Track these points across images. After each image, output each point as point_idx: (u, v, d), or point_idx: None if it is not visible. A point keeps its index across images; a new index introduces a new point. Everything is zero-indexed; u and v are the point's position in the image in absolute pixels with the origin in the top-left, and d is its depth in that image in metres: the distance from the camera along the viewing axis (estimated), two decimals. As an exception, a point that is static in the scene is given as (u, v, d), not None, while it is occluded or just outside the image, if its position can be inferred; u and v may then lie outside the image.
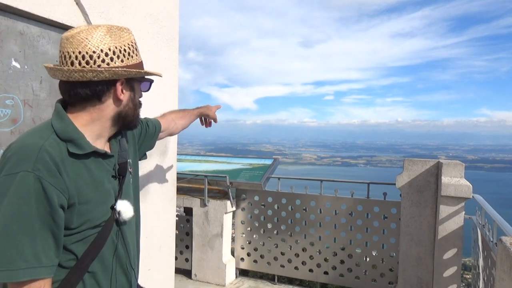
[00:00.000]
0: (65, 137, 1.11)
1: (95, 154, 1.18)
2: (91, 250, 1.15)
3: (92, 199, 1.14)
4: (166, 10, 3.06)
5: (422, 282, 3.53)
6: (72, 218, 1.10)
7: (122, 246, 1.26)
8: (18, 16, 2.04)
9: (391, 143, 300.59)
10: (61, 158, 1.08)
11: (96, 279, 1.18)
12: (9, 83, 2.01)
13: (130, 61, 1.20)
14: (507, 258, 1.63)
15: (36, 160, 1.03)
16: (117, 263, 1.24)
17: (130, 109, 1.25)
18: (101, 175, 1.19)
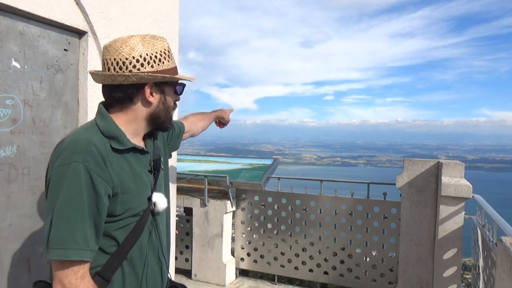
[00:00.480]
0: (108, 135, 1.26)
1: (134, 150, 1.32)
2: (131, 237, 1.27)
3: (133, 190, 1.27)
4: (166, 10, 3.06)
5: (422, 282, 3.53)
6: (116, 206, 1.23)
7: (155, 235, 1.37)
8: (18, 16, 2.04)
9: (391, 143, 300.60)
10: (106, 152, 1.22)
11: (133, 265, 1.30)
12: (9, 83, 2.01)
13: (161, 67, 1.30)
14: (507, 258, 1.63)
15: (86, 153, 1.17)
16: (151, 251, 1.35)
17: (161, 111, 1.36)
18: (139, 169, 1.33)
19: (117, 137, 1.27)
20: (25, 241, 2.12)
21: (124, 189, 1.24)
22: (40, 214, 2.20)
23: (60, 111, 2.31)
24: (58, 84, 2.28)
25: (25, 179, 2.11)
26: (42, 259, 2.23)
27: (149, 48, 1.29)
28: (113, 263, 1.25)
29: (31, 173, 2.14)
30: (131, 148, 1.30)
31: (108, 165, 1.21)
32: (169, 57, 1.34)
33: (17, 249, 2.09)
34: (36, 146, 2.17)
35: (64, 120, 2.34)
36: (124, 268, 1.28)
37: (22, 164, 2.08)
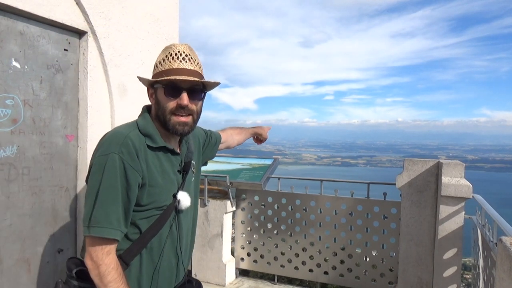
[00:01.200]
0: (144, 132, 1.42)
1: (165, 149, 1.46)
2: (153, 227, 1.41)
3: (160, 184, 1.41)
4: (166, 10, 3.06)
5: (422, 282, 3.53)
6: (143, 196, 1.37)
7: (176, 230, 1.49)
8: (18, 16, 2.04)
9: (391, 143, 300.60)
10: (140, 147, 1.38)
11: (151, 254, 1.43)
12: (9, 83, 2.01)
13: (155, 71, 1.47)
14: (507, 258, 1.63)
15: (122, 145, 1.34)
16: (170, 244, 1.47)
17: (159, 111, 1.46)
18: (168, 167, 1.47)
19: (151, 136, 1.43)
20: (25, 241, 2.12)
21: (152, 182, 1.39)
22: (40, 214, 2.20)
23: (60, 111, 2.31)
24: (58, 84, 2.28)
25: (25, 179, 2.11)
26: (42, 259, 2.23)
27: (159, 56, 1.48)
28: (134, 249, 1.39)
29: (31, 173, 2.14)
30: (162, 147, 1.45)
31: (141, 157, 1.36)
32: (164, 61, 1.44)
33: (17, 249, 2.09)
34: (36, 146, 2.17)
35: (64, 120, 2.34)
36: (142, 255, 1.41)
37: (22, 164, 2.08)
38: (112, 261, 1.31)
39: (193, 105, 1.46)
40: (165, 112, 1.44)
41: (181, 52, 1.43)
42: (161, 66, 1.44)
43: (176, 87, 1.42)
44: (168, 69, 1.41)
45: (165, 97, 1.43)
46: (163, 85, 1.42)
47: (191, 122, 1.48)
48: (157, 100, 1.46)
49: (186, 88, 1.42)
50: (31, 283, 2.18)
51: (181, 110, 1.43)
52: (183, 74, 1.40)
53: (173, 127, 1.44)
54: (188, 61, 1.43)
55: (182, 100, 1.42)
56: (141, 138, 1.41)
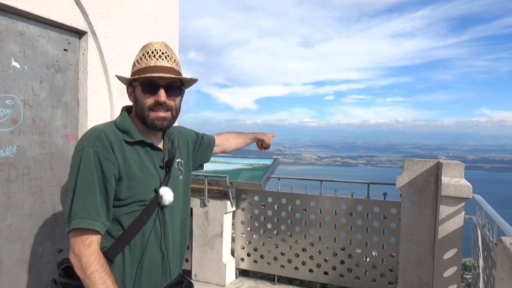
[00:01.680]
0: (121, 128, 1.46)
1: (143, 144, 1.49)
2: (135, 223, 1.42)
3: (139, 178, 1.43)
4: (166, 10, 3.06)
5: (422, 282, 3.53)
6: (121, 190, 1.39)
7: (160, 227, 1.49)
8: (18, 16, 2.04)
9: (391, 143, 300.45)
10: (115, 141, 1.41)
11: (133, 251, 1.43)
12: (9, 83, 2.01)
13: (133, 70, 1.51)
14: (507, 258, 1.63)
15: (96, 139, 1.38)
16: (153, 241, 1.46)
17: (138, 108, 1.49)
18: (148, 162, 1.49)
19: (128, 131, 1.46)
20: (25, 241, 2.12)
21: (130, 176, 1.41)
22: (40, 214, 2.20)
23: (60, 111, 2.31)
24: (58, 84, 2.28)
25: (25, 179, 2.10)
26: (42, 259, 2.23)
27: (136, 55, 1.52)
28: (117, 246, 1.39)
29: (31, 173, 2.14)
30: (140, 141, 1.47)
31: (116, 151, 1.39)
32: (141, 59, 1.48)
33: (17, 249, 2.09)
34: (36, 146, 2.17)
35: (64, 120, 2.34)
36: (125, 252, 1.41)
37: (22, 164, 2.08)
38: (93, 252, 1.31)
39: (171, 101, 1.50)
40: (143, 109, 1.47)
41: (157, 50, 1.47)
42: (138, 65, 1.48)
43: (153, 84, 1.45)
44: (145, 67, 1.45)
45: (143, 94, 1.46)
46: (141, 82, 1.45)
47: (170, 117, 1.51)
48: (135, 97, 1.50)
49: (163, 85, 1.46)
50: (31, 283, 2.18)
51: (159, 107, 1.46)
52: (159, 71, 1.44)
53: (151, 122, 1.47)
54: (164, 58, 1.47)
55: (160, 97, 1.45)
56: (118, 134, 1.44)
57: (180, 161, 1.66)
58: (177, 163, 1.63)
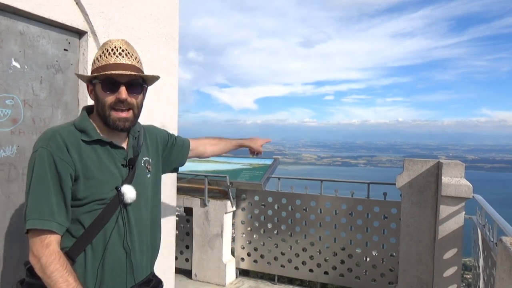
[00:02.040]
0: (79, 128, 1.45)
1: (102, 143, 1.47)
2: (96, 222, 1.40)
3: (97, 177, 1.42)
4: (166, 10, 3.06)
5: (422, 282, 3.53)
6: (79, 189, 1.38)
7: (123, 225, 1.47)
8: (18, 16, 2.04)
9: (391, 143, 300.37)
10: (72, 141, 1.40)
11: (96, 249, 1.41)
12: (9, 83, 2.01)
13: (93, 67, 1.48)
14: (507, 258, 1.63)
15: (50, 139, 1.37)
16: (116, 240, 1.45)
17: (99, 107, 1.47)
18: (108, 160, 1.47)
19: (85, 130, 1.45)
20: (25, 241, 2.12)
21: (88, 175, 1.40)
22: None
23: (60, 111, 2.31)
24: (58, 84, 2.28)
25: (25, 179, 2.10)
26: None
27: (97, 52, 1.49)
28: (78, 245, 1.39)
29: (31, 173, 2.14)
30: (98, 140, 1.46)
31: (72, 151, 1.38)
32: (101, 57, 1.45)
33: (17, 249, 2.09)
34: (36, 146, 2.17)
35: (64, 120, 2.34)
36: (86, 252, 1.40)
37: (22, 164, 2.08)
38: (52, 252, 1.30)
39: (132, 99, 1.47)
40: (104, 107, 1.44)
41: (117, 47, 1.45)
42: (98, 62, 1.45)
43: (114, 81, 1.43)
44: (105, 64, 1.42)
45: (103, 92, 1.44)
46: (101, 80, 1.43)
47: (132, 117, 1.49)
48: (96, 96, 1.47)
49: (124, 82, 1.44)
50: (31, 283, 2.18)
51: (120, 104, 1.44)
52: (119, 68, 1.41)
53: (113, 123, 1.45)
54: (125, 56, 1.45)
55: (121, 94, 1.43)
56: (76, 133, 1.43)
57: (147, 159, 1.64)
58: (144, 161, 1.61)
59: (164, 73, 3.04)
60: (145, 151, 1.65)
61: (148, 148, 1.68)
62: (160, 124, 3.03)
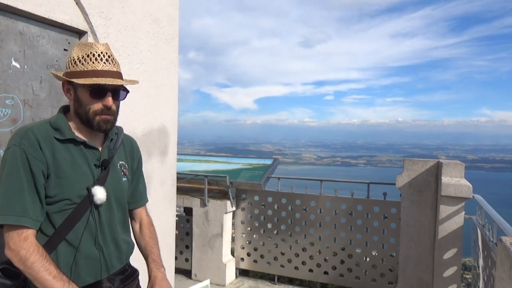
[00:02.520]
0: (54, 126, 1.46)
1: (75, 142, 1.48)
2: (67, 221, 1.43)
3: (69, 176, 1.43)
4: (166, 10, 3.06)
5: (422, 282, 3.53)
6: (50, 186, 1.40)
7: (94, 224, 1.49)
8: (18, 16, 2.04)
9: (391, 143, 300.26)
10: (45, 139, 1.41)
11: (68, 247, 1.44)
12: (9, 83, 2.01)
13: (75, 69, 1.45)
14: (507, 258, 1.63)
15: (23, 137, 1.38)
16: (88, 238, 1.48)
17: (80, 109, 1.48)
18: (81, 160, 1.48)
19: (60, 129, 1.46)
20: None
21: (59, 174, 1.41)
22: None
23: (60, 111, 2.31)
24: (58, 84, 2.28)
25: (25, 179, 2.11)
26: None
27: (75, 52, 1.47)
28: (50, 244, 1.41)
29: (31, 173, 2.14)
30: (71, 139, 1.47)
31: (44, 149, 1.40)
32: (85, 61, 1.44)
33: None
34: (36, 146, 2.17)
35: (64, 120, 2.34)
36: (58, 250, 1.43)
37: (22, 164, 2.08)
38: (31, 244, 1.33)
39: (114, 104, 1.50)
40: (88, 113, 1.46)
41: (104, 53, 1.46)
42: (81, 66, 1.44)
43: (101, 89, 1.45)
44: (92, 70, 1.43)
45: (90, 98, 1.45)
46: (89, 87, 1.44)
47: (113, 119, 1.52)
48: (77, 98, 1.47)
49: (110, 89, 1.47)
50: (31, 283, 2.18)
51: (107, 111, 1.47)
52: (107, 76, 1.44)
53: (97, 124, 1.47)
54: (111, 62, 1.47)
55: (108, 102, 1.46)
56: (50, 131, 1.44)
57: (123, 163, 1.66)
58: (120, 165, 1.63)
59: (164, 73, 3.04)
60: (122, 156, 1.67)
61: (126, 155, 1.70)
62: (160, 124, 3.03)
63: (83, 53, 1.45)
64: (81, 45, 1.48)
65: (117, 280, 1.59)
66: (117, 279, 1.60)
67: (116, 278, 1.59)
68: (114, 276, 1.58)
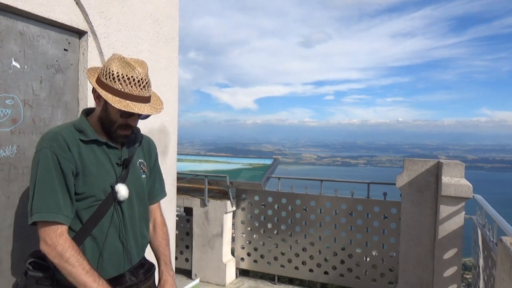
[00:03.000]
0: (78, 129, 1.59)
1: (98, 143, 1.60)
2: (93, 218, 1.54)
3: (94, 173, 1.55)
4: (166, 10, 3.06)
5: (422, 282, 3.53)
6: (79, 184, 1.52)
7: (118, 219, 1.61)
8: (18, 16, 2.04)
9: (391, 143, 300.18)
10: (72, 140, 1.54)
11: (94, 242, 1.55)
12: (9, 83, 2.01)
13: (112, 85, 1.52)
14: (507, 258, 1.63)
15: (52, 140, 1.51)
16: (113, 232, 1.59)
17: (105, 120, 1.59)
18: (104, 159, 1.60)
19: (84, 131, 1.58)
20: (25, 241, 2.12)
21: (86, 172, 1.54)
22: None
23: (60, 111, 2.31)
24: (58, 84, 2.28)
25: (25, 179, 2.10)
26: (42, 259, 2.23)
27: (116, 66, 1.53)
28: (78, 238, 1.52)
29: (31, 173, 2.14)
30: (94, 140, 1.59)
31: (72, 149, 1.52)
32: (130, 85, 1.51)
33: (17, 249, 2.09)
34: (36, 146, 2.17)
35: (64, 120, 2.34)
36: (85, 244, 1.54)
37: (22, 164, 2.08)
38: (66, 240, 1.46)
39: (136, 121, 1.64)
40: (113, 125, 1.59)
41: (143, 80, 1.54)
42: (120, 85, 1.51)
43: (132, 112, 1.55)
44: (129, 94, 1.51)
45: (119, 117, 1.57)
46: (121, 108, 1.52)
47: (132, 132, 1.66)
48: (106, 109, 1.58)
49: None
50: (31, 283, 2.18)
51: (130, 127, 1.61)
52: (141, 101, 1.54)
53: (116, 138, 1.62)
54: (147, 88, 1.56)
55: (134, 123, 1.61)
56: (75, 134, 1.57)
57: (142, 161, 1.79)
58: (139, 163, 1.76)
59: (164, 73, 3.04)
60: (140, 154, 1.79)
61: (144, 153, 1.83)
62: (160, 124, 3.03)
63: (124, 72, 1.52)
64: (123, 62, 1.54)
65: (139, 273, 1.72)
66: (139, 272, 1.72)
67: (138, 271, 1.72)
68: (135, 269, 1.70)
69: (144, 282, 1.73)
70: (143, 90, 1.55)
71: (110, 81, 1.52)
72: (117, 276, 1.62)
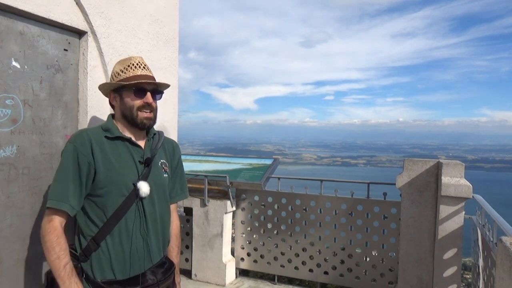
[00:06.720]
0: (104, 128, 1.79)
1: (122, 139, 1.77)
2: (117, 213, 1.66)
3: (117, 169, 1.70)
4: (166, 10, 3.06)
5: (422, 282, 3.53)
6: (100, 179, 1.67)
7: (141, 215, 1.72)
8: (18, 16, 2.04)
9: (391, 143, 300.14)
10: (96, 138, 1.72)
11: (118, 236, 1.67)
12: (9, 83, 2.01)
13: (118, 78, 1.81)
14: (507, 258, 1.63)
15: (76, 137, 1.72)
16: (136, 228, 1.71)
17: (126, 110, 1.79)
18: (126, 155, 1.76)
19: (109, 129, 1.77)
20: (25, 241, 2.12)
21: (109, 166, 1.69)
22: (40, 214, 2.20)
23: (60, 111, 2.31)
24: (58, 84, 2.28)
25: (25, 179, 2.10)
26: (42, 259, 2.23)
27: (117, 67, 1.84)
28: (102, 233, 1.65)
29: (31, 173, 2.14)
30: (119, 137, 1.76)
31: (95, 146, 1.69)
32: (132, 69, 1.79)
33: (17, 249, 2.09)
34: (36, 146, 2.17)
35: (64, 120, 2.34)
36: (107, 239, 1.66)
37: (22, 164, 2.08)
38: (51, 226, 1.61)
39: (153, 103, 1.83)
40: (133, 109, 1.77)
41: (140, 62, 1.82)
42: (124, 74, 1.78)
43: (143, 89, 1.78)
44: (134, 75, 1.77)
45: (134, 96, 1.77)
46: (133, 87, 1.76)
47: (153, 116, 1.85)
48: (123, 101, 1.79)
49: (149, 89, 1.80)
50: (31, 283, 2.18)
51: (147, 107, 1.79)
52: (147, 79, 1.78)
53: (141, 121, 1.78)
54: (147, 69, 1.85)
55: (148, 99, 1.78)
56: (100, 133, 1.76)
57: (164, 162, 1.93)
58: (161, 163, 1.90)
59: (164, 73, 3.04)
60: (162, 155, 1.94)
61: (166, 155, 1.99)
62: (160, 124, 3.03)
63: (124, 65, 1.80)
64: (121, 60, 1.85)
65: (159, 273, 1.79)
66: (159, 272, 1.81)
67: (158, 270, 1.80)
68: (155, 269, 1.78)
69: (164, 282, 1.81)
70: (144, 69, 1.81)
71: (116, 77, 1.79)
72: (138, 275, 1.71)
